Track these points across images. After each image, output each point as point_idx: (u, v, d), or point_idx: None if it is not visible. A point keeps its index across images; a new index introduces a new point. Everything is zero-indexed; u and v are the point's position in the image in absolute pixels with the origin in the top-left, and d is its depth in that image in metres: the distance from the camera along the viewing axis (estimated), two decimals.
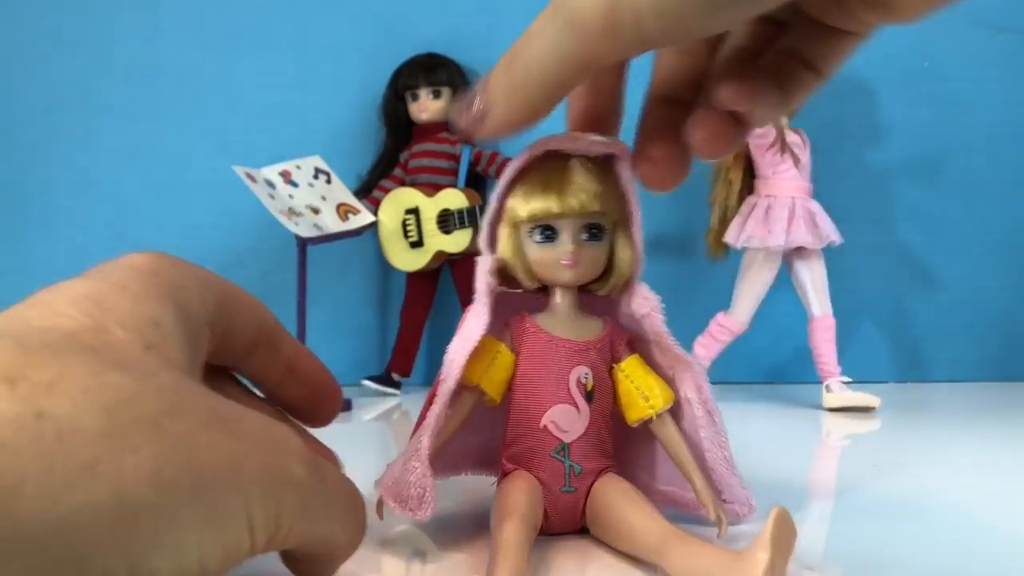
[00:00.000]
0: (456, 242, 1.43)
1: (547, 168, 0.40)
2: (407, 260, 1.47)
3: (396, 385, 1.43)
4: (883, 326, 1.68)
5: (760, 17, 0.30)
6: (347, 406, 1.17)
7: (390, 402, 1.31)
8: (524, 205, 0.40)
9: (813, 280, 1.32)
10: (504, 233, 0.42)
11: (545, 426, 0.41)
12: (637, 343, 0.44)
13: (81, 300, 0.20)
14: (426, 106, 1.48)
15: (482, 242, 0.42)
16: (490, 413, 0.44)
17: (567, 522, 0.42)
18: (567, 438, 0.41)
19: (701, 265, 1.47)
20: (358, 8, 1.62)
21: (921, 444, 0.88)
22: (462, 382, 0.41)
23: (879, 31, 0.28)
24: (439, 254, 1.45)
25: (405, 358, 1.47)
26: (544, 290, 0.43)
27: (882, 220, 1.66)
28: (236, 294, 0.26)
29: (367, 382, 1.42)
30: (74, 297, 0.20)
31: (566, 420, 0.41)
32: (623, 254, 0.42)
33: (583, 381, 0.42)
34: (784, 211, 1.30)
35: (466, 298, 1.48)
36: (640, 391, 0.42)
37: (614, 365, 0.43)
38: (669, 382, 0.43)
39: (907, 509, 0.48)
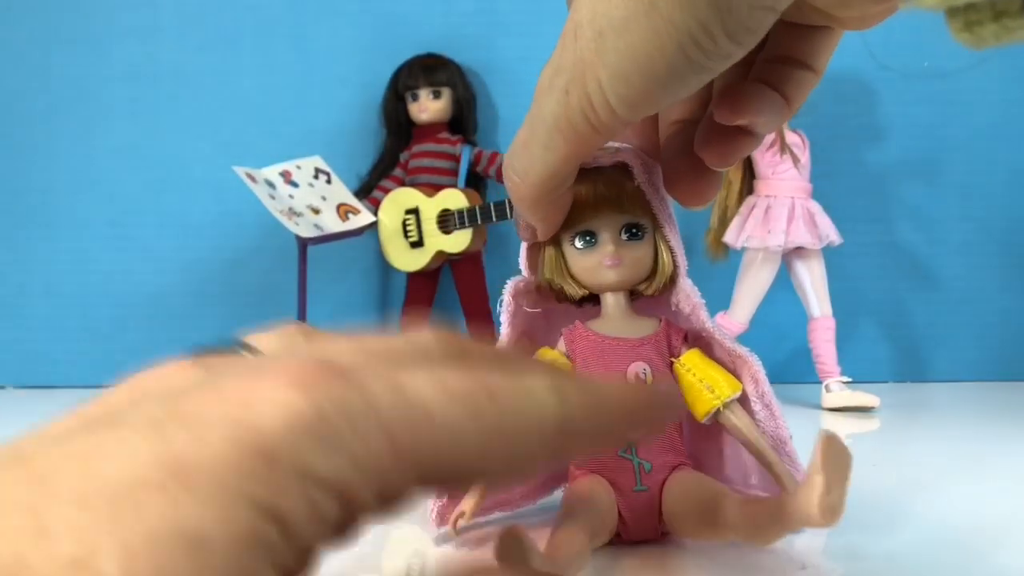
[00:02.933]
0: (456, 242, 1.43)
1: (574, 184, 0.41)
2: (407, 260, 1.47)
3: None
4: (883, 326, 1.68)
5: None
6: None
7: None
8: None
9: (813, 280, 1.32)
10: (547, 250, 0.42)
11: None
12: (697, 339, 0.43)
13: (83, 500, 0.13)
14: (426, 106, 1.48)
15: (522, 263, 0.43)
16: None
17: (645, 527, 0.41)
18: None
19: (701, 265, 1.47)
20: (358, 8, 1.62)
21: (921, 444, 0.89)
22: None
23: (877, 36, 0.28)
24: (439, 254, 1.45)
25: None
26: (595, 300, 0.43)
27: (882, 220, 1.67)
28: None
29: None
30: (77, 496, 0.13)
31: None
32: (663, 253, 0.42)
33: (642, 376, 0.41)
34: (784, 211, 1.30)
35: (466, 298, 1.48)
36: (704, 383, 0.41)
37: (672, 360, 0.42)
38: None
39: (906, 508, 0.48)
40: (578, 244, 0.41)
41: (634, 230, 0.41)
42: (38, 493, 0.13)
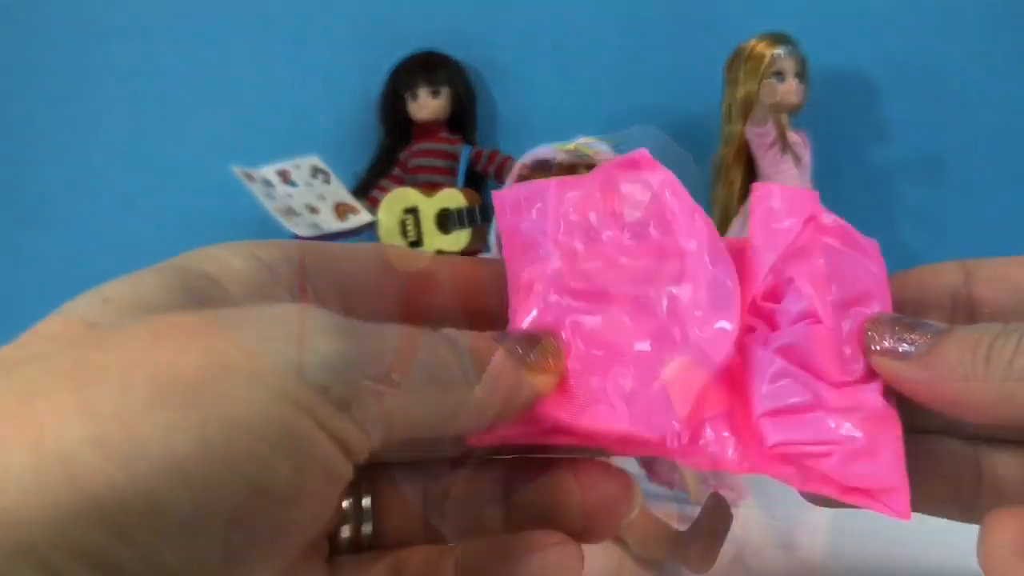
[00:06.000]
0: (455, 242, 1.43)
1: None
2: None
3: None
4: None
5: None
6: None
7: None
8: None
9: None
10: None
11: None
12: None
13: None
14: (425, 105, 1.47)
15: None
16: None
17: None
18: None
19: None
20: (356, 7, 1.62)
21: None
22: None
23: (880, 34, 0.27)
24: (438, 254, 1.45)
25: None
26: None
27: (882, 220, 1.66)
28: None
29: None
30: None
31: None
32: None
33: None
34: None
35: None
36: None
37: None
38: None
39: None
40: None
41: None
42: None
